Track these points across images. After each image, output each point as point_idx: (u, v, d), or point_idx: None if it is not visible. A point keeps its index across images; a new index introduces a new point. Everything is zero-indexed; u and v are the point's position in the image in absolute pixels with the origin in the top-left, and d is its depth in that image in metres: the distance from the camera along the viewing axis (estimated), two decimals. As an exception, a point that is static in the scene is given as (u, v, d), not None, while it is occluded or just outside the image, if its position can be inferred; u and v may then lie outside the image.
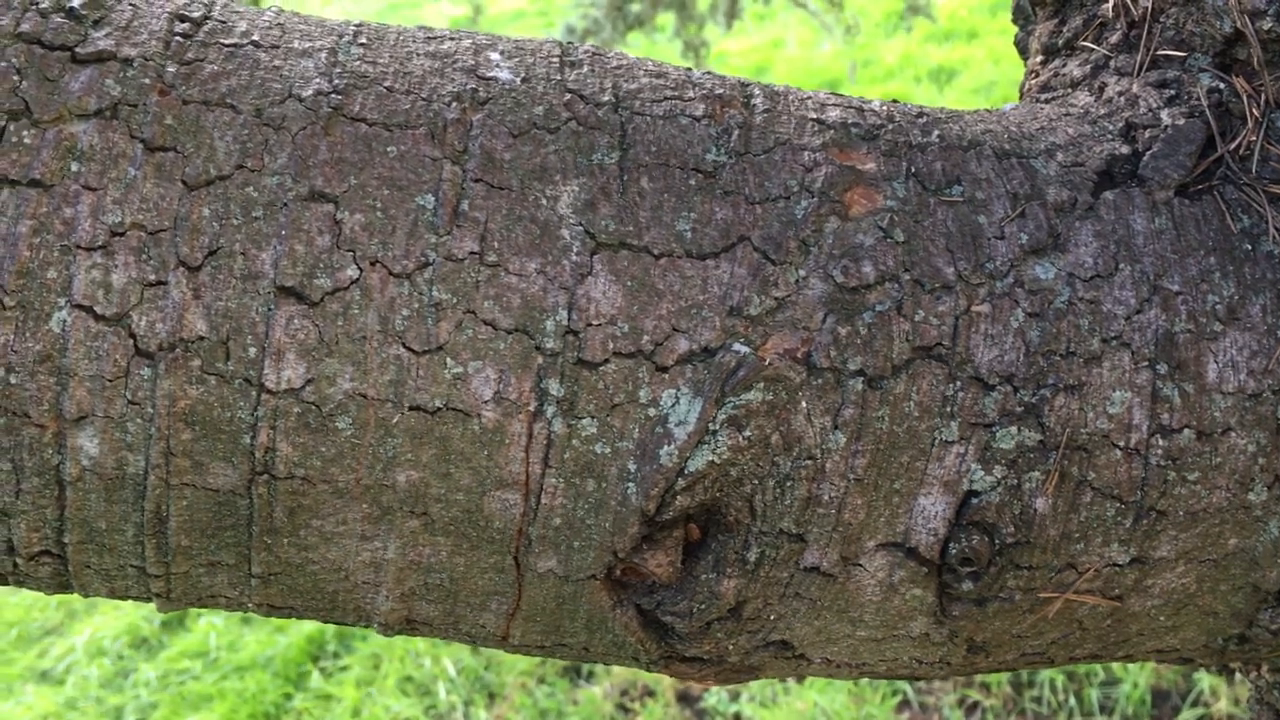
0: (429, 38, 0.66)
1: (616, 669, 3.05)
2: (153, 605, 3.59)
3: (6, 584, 0.63)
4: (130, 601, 3.66)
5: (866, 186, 0.62)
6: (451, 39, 0.66)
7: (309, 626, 3.15)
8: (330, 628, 3.15)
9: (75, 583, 0.62)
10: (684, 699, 2.89)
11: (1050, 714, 2.55)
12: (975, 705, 2.60)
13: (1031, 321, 0.61)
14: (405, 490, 0.59)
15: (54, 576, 0.62)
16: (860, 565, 0.64)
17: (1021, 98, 0.84)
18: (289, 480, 0.58)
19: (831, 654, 0.69)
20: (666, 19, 4.22)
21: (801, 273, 0.60)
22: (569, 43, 0.68)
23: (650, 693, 2.87)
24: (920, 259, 0.61)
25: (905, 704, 2.70)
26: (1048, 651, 0.71)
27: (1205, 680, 2.43)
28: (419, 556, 0.62)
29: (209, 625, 3.19)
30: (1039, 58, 0.77)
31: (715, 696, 2.79)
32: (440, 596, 0.64)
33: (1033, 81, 0.76)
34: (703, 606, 0.64)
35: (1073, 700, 2.54)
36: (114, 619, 3.31)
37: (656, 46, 5.52)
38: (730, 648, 0.67)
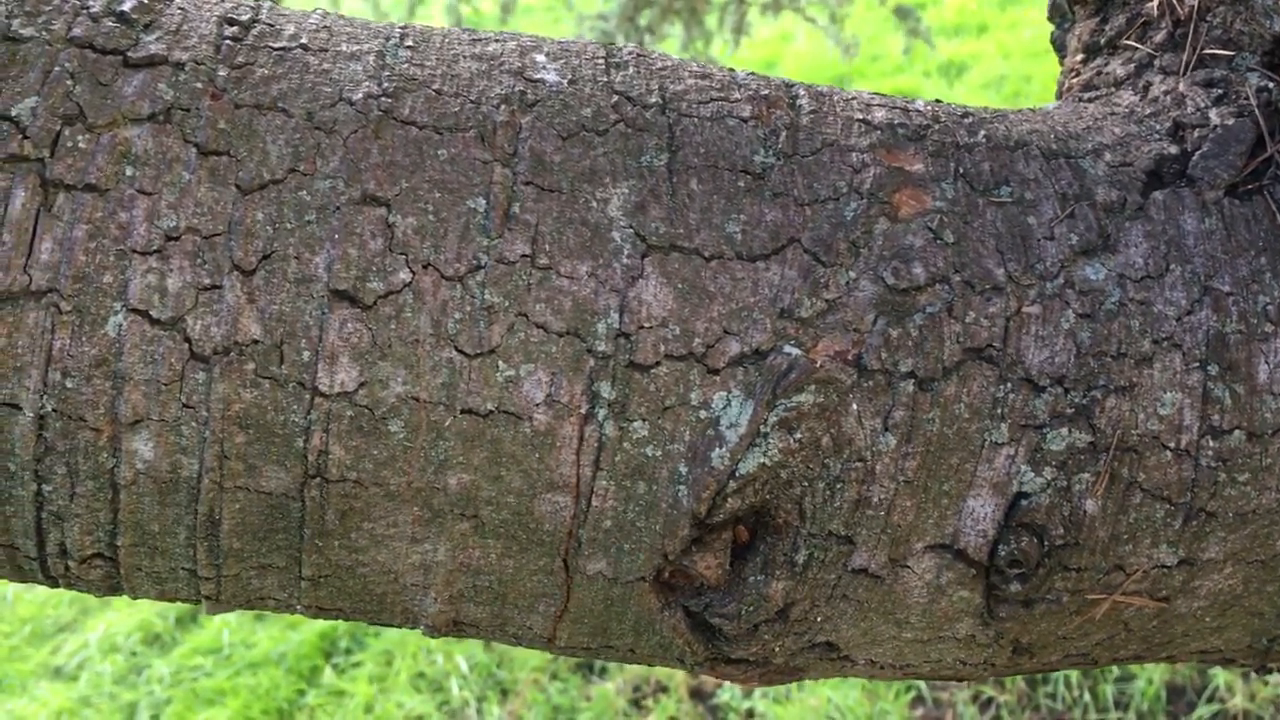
0: (474, 40, 0.66)
1: (629, 665, 3.05)
2: (164, 602, 3.60)
3: (56, 586, 0.63)
4: (143, 599, 3.68)
5: (915, 187, 0.62)
6: (496, 41, 0.66)
7: (321, 623, 3.15)
8: (343, 625, 3.16)
9: (125, 585, 0.63)
10: (697, 695, 2.89)
11: (1065, 710, 2.55)
12: (990, 701, 2.60)
13: (1082, 323, 0.61)
14: (456, 493, 0.59)
15: (105, 579, 0.62)
16: (908, 567, 0.64)
17: (1059, 96, 0.84)
18: (341, 483, 0.58)
19: (876, 655, 0.69)
20: (675, 32, 4.21)
21: (852, 274, 0.60)
22: (611, 44, 0.68)
23: (663, 689, 2.87)
24: (970, 260, 0.61)
25: (919, 700, 2.70)
26: (1092, 653, 0.71)
27: (1221, 676, 2.43)
28: (468, 559, 0.62)
29: (222, 622, 3.20)
30: (1079, 56, 0.77)
31: (729, 693, 2.80)
32: (488, 599, 0.64)
33: (1074, 80, 0.76)
34: (751, 609, 0.64)
35: (1087, 696, 2.54)
36: (127, 616, 3.32)
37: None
38: (776, 649, 0.67)
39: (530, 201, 0.59)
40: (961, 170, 0.63)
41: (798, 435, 0.59)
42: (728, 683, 2.89)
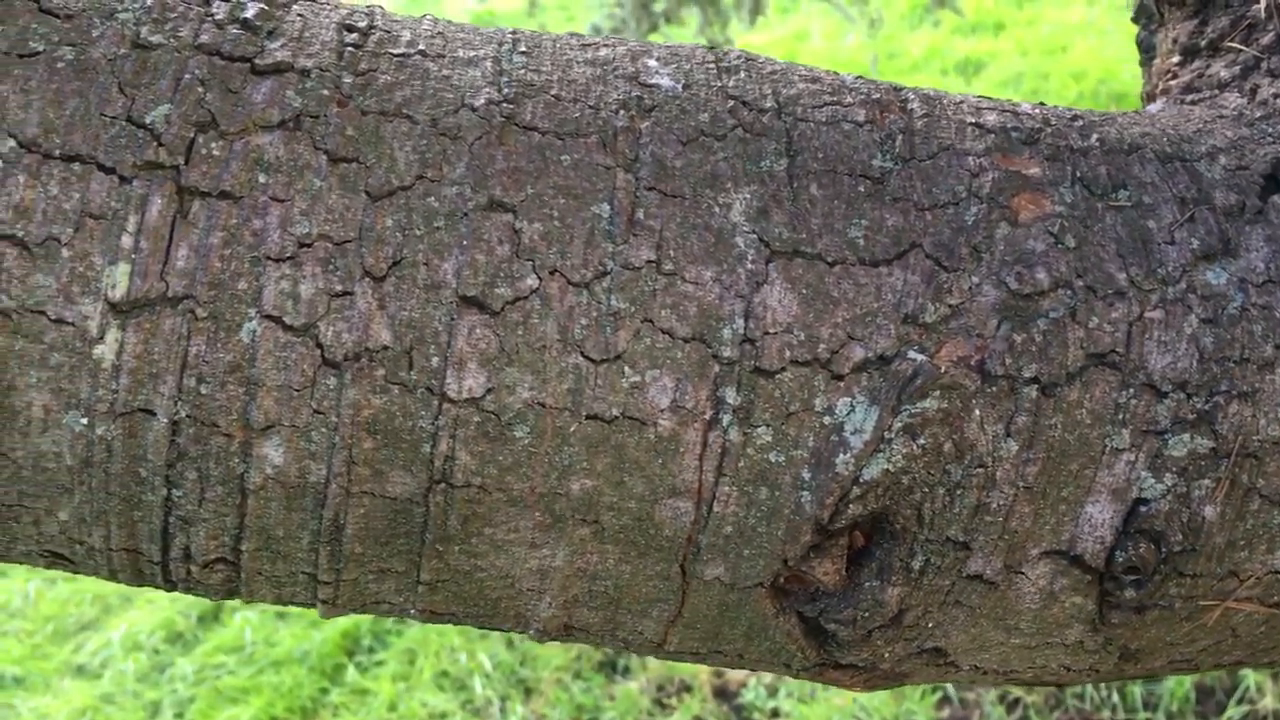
0: (584, 45, 0.66)
1: (652, 663, 3.05)
2: (189, 599, 3.59)
3: (173, 589, 0.63)
4: (166, 595, 3.66)
5: (1033, 192, 0.62)
6: (606, 46, 0.66)
7: (343, 621, 3.16)
8: (365, 622, 3.17)
9: (244, 589, 0.63)
10: (721, 694, 2.89)
11: (1093, 711, 2.55)
12: (1017, 701, 2.60)
13: (1205, 328, 0.61)
14: (578, 498, 0.59)
15: (224, 583, 0.62)
16: (1022, 573, 0.64)
17: (1148, 97, 0.84)
18: (465, 489, 0.58)
19: (981, 661, 0.69)
20: (691, 16, 4.21)
21: (974, 279, 0.60)
22: (717, 48, 0.67)
23: (687, 688, 2.87)
24: (1092, 265, 0.61)
25: (945, 700, 2.70)
26: (1196, 659, 0.71)
27: (1251, 677, 2.42)
28: (586, 564, 0.62)
29: (244, 620, 3.21)
30: (1175, 58, 0.77)
31: (753, 692, 2.80)
32: (603, 603, 0.64)
33: (1171, 82, 0.76)
34: (866, 614, 0.64)
35: (1115, 697, 2.54)
36: (149, 614, 3.33)
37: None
38: (886, 655, 0.67)
39: (654, 207, 0.59)
40: (1078, 174, 0.63)
41: (921, 441, 0.59)
42: (751, 681, 2.87)
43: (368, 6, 0.66)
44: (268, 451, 0.56)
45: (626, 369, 0.58)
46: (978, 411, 0.59)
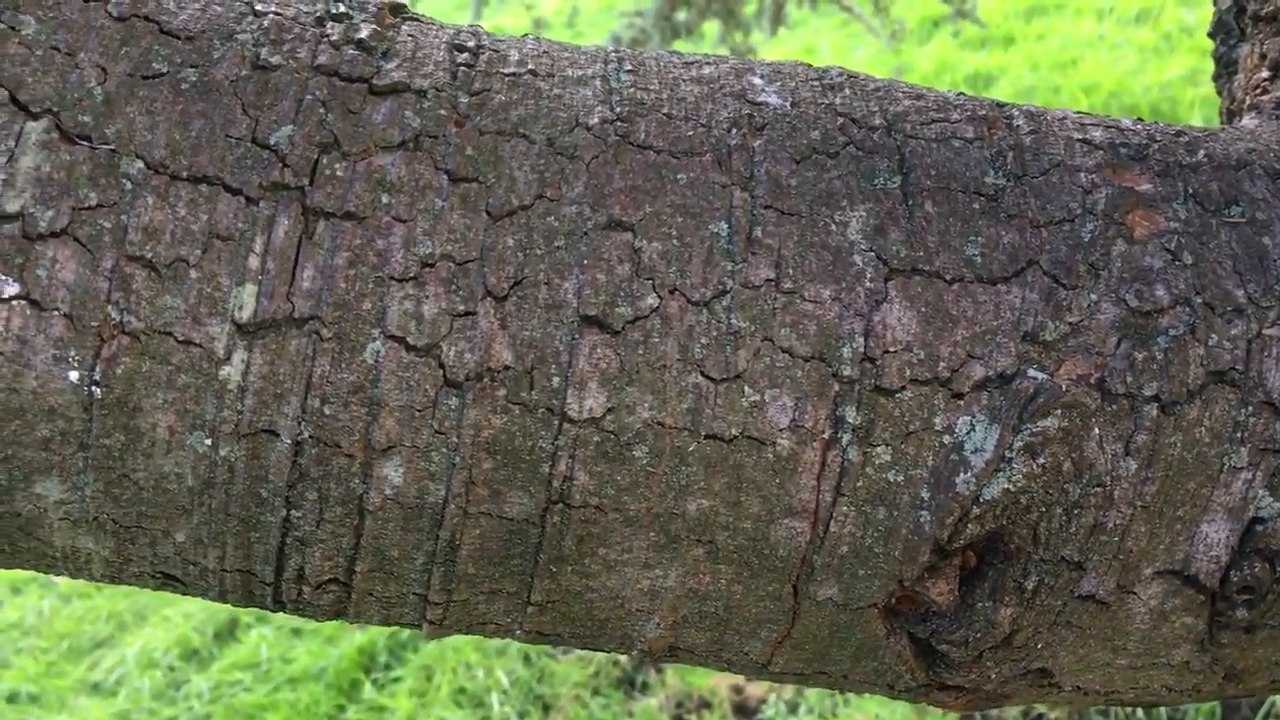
0: (686, 63, 0.65)
1: (671, 679, 3.04)
2: (205, 616, 3.56)
3: (282, 611, 0.63)
4: (180, 612, 3.63)
5: (1146, 208, 0.62)
6: (709, 64, 0.65)
7: (360, 637, 3.15)
8: (381, 639, 3.15)
9: (352, 610, 0.62)
10: (741, 710, 2.88)
11: (1114, 725, 2.54)
12: (1039, 717, 2.58)
13: None
14: (694, 518, 0.59)
15: (334, 604, 0.62)
16: (1134, 593, 0.63)
17: (1229, 115, 0.84)
18: (583, 509, 0.58)
19: (1084, 682, 0.69)
20: (711, 26, 4.23)
21: (1093, 296, 0.59)
22: (824, 68, 0.67)
23: (707, 704, 2.86)
24: (1209, 282, 0.60)
25: (968, 716, 2.68)
26: (1300, 677, 0.70)
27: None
28: (698, 584, 0.61)
29: (260, 637, 3.20)
30: (1265, 73, 0.77)
31: (774, 709, 2.78)
32: (711, 624, 0.64)
33: (1263, 98, 0.76)
34: (979, 635, 0.63)
35: (1140, 712, 2.53)
36: (164, 631, 3.31)
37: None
38: (993, 676, 0.66)
39: (771, 225, 0.58)
40: (1190, 190, 0.63)
41: (1041, 460, 0.59)
42: (771, 698, 2.85)
43: (470, 26, 0.66)
44: (388, 472, 0.56)
45: (746, 388, 0.57)
46: (1097, 430, 0.59)
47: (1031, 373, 0.58)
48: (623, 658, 2.96)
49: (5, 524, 0.56)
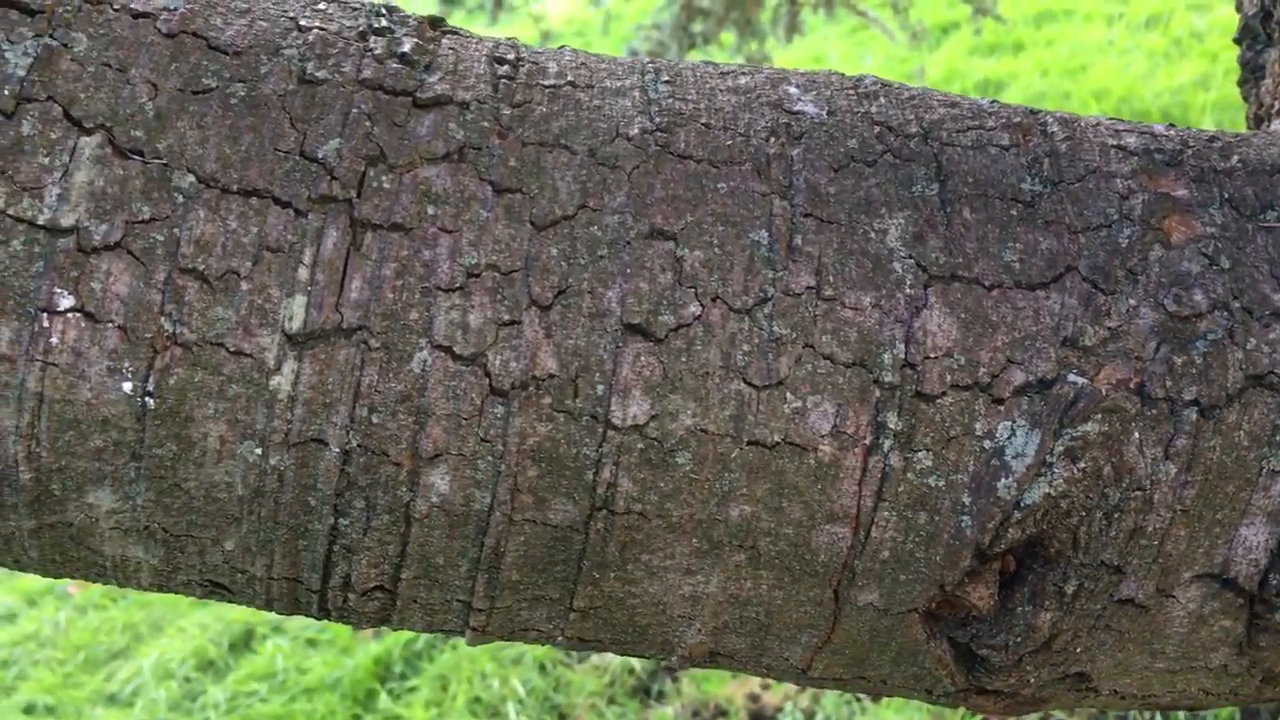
0: (722, 73, 0.66)
1: (686, 688, 3.03)
2: (220, 627, 3.57)
3: (326, 618, 0.63)
4: (196, 622, 3.64)
5: (1183, 213, 0.62)
6: (745, 74, 0.66)
7: (375, 648, 3.15)
8: (397, 648, 3.15)
9: (397, 617, 0.63)
10: (757, 718, 2.87)
11: (1134, 727, 2.53)
12: (1059, 724, 2.57)
13: None
14: (736, 524, 0.59)
15: (379, 611, 0.62)
16: (1173, 597, 0.64)
17: (1257, 120, 0.84)
18: (626, 515, 0.58)
19: (1122, 686, 0.69)
20: (726, 36, 4.24)
21: (1131, 302, 0.60)
22: (858, 76, 0.68)
23: (723, 712, 2.85)
24: (1247, 286, 0.61)
25: (985, 722, 2.67)
26: (1338, 680, 0.70)
27: (1308, 698, 2.40)
28: (739, 590, 0.62)
29: (275, 648, 3.20)
30: (1293, 79, 0.77)
31: (790, 717, 2.78)
32: (752, 630, 0.64)
33: (1292, 104, 0.76)
34: (1019, 640, 0.63)
35: (1159, 716, 2.52)
36: (180, 642, 3.32)
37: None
38: (1032, 680, 0.66)
39: (811, 233, 0.59)
40: (1225, 195, 0.63)
41: (1081, 465, 0.59)
42: (788, 706, 2.84)
43: (508, 39, 0.66)
44: (434, 480, 0.57)
45: (788, 395, 0.58)
46: (1137, 434, 0.59)
47: (1071, 378, 0.59)
48: (638, 665, 2.96)
49: (57, 534, 0.57)
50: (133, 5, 0.57)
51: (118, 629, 3.46)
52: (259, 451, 0.55)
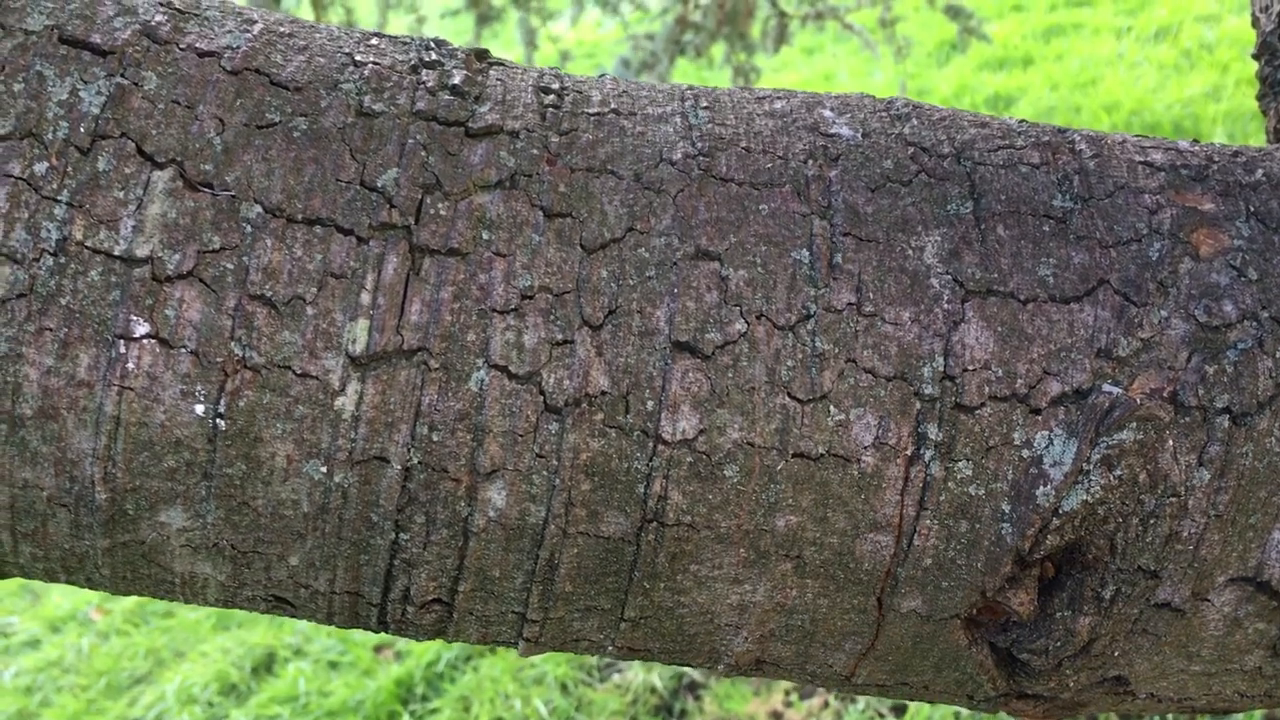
0: (759, 98, 0.68)
1: (709, 705, 3.04)
2: (242, 651, 3.58)
3: (384, 631, 0.65)
4: (219, 647, 3.64)
5: (1210, 227, 0.64)
6: (780, 98, 0.68)
7: (397, 670, 3.16)
8: (418, 670, 3.16)
9: (452, 629, 0.64)
10: (779, 735, 2.87)
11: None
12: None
13: None
14: (783, 534, 0.61)
15: (435, 623, 0.64)
16: (1208, 600, 0.65)
17: (1275, 136, 0.86)
18: (676, 527, 0.60)
19: (1159, 689, 0.70)
20: (716, 48, 4.29)
21: (1163, 313, 0.61)
22: (890, 99, 0.70)
23: (745, 730, 2.85)
24: (1275, 296, 0.62)
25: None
26: (1372, 682, 0.71)
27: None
28: (785, 598, 0.64)
29: (297, 671, 3.21)
30: (1312, 94, 0.79)
31: (813, 733, 2.77)
32: (797, 637, 0.66)
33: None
34: (1059, 644, 0.65)
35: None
36: (202, 666, 3.34)
37: (704, 74, 5.59)
38: (1071, 684, 0.68)
39: (850, 251, 0.61)
40: (1251, 208, 0.65)
41: (1118, 472, 0.61)
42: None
43: (551, 69, 0.69)
44: (491, 495, 0.59)
45: (832, 408, 0.60)
46: (1171, 442, 0.61)
47: (1106, 388, 0.61)
48: (659, 684, 2.95)
49: (130, 551, 0.59)
50: (198, 45, 0.60)
51: (140, 654, 3.48)
52: (324, 469, 0.57)
